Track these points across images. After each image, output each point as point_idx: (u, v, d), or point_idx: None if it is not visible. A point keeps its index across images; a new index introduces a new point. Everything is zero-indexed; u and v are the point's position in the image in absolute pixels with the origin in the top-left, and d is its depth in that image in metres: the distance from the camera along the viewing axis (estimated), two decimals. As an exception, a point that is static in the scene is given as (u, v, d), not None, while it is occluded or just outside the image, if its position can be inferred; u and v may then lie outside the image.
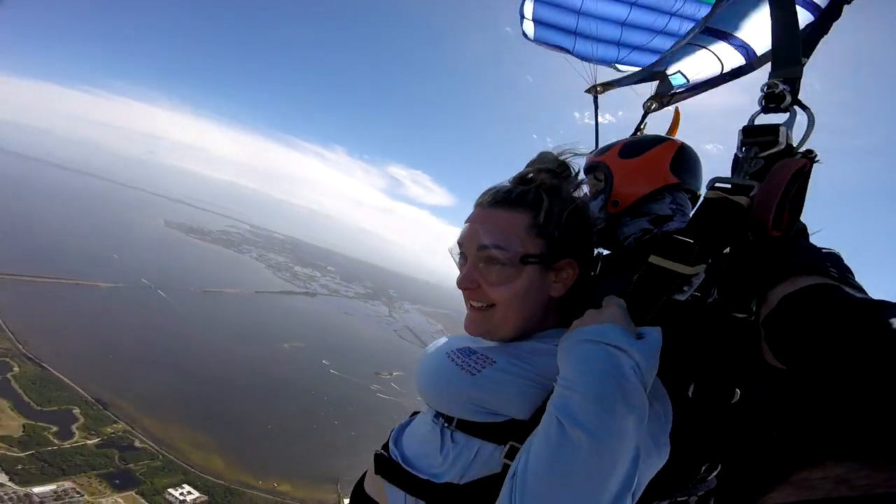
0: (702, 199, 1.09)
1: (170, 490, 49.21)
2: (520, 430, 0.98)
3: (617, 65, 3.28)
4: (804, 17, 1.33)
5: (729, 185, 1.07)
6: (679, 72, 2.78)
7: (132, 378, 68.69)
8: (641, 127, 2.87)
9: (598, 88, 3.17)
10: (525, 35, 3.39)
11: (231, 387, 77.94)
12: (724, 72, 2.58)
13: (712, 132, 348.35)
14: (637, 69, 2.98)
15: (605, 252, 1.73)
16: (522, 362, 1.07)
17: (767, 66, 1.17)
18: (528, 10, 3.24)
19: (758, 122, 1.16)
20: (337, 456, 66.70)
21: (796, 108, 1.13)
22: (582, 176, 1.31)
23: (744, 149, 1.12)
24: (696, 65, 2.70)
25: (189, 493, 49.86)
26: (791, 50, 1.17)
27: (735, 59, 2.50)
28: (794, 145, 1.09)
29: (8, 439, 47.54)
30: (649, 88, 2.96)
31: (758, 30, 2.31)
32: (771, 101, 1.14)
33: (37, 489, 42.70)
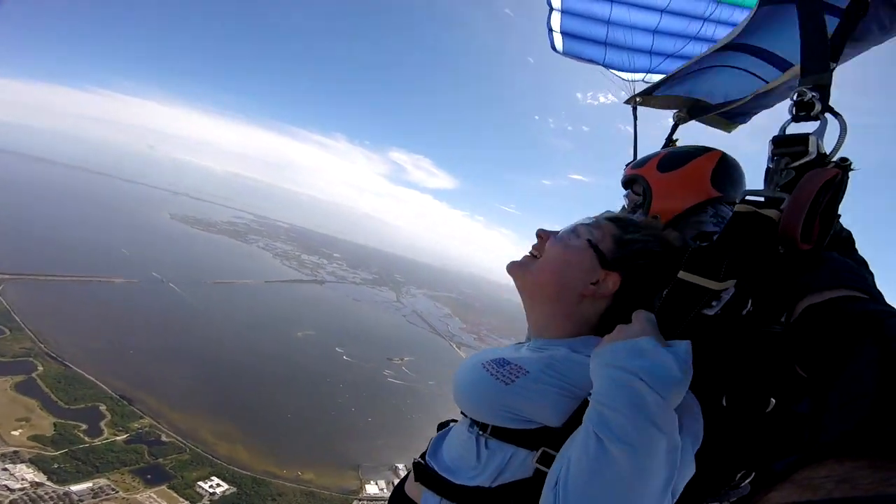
0: (732, 213, 1.08)
1: (199, 483, 49.85)
2: (552, 436, 1.04)
3: (649, 75, 3.17)
4: (831, 22, 1.29)
5: (760, 198, 1.06)
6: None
7: (152, 372, 69.48)
8: (674, 139, 2.79)
9: (637, 100, 3.08)
10: (554, 48, 3.28)
11: (249, 376, 78.83)
12: (764, 90, 2.34)
13: (755, 131, 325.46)
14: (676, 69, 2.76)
15: None
16: (555, 372, 1.12)
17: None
18: (556, 22, 3.14)
19: (789, 130, 1.14)
20: (356, 442, 67.73)
21: (827, 115, 1.09)
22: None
23: (774, 159, 1.11)
24: (733, 84, 2.51)
25: (218, 485, 50.60)
26: (819, 56, 1.13)
27: (772, 74, 2.30)
28: (827, 153, 1.06)
29: (41, 439, 48.29)
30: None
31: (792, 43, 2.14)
32: (801, 109, 1.12)
33: (74, 487, 43.29)
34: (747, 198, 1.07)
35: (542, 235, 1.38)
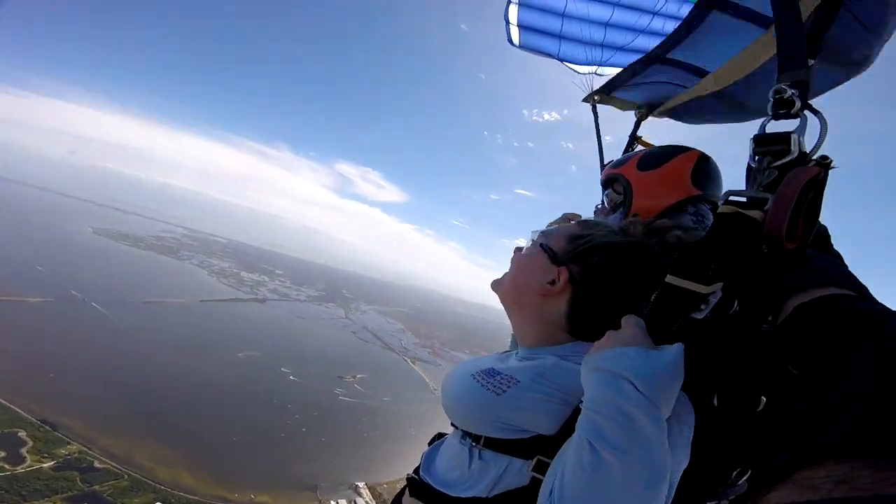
0: (716, 214, 1.07)
1: (145, 510, 45.90)
2: (546, 444, 1.04)
3: (602, 67, 3.28)
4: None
5: (743, 199, 1.04)
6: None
7: (79, 397, 63.55)
8: (638, 136, 2.95)
9: (595, 98, 3.19)
10: (511, 41, 3.42)
11: (187, 400, 73.88)
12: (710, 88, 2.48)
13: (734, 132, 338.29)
14: (630, 64, 2.91)
15: None
16: (546, 381, 1.12)
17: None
18: (513, 15, 3.22)
19: (769, 129, 1.12)
20: (310, 463, 65.51)
21: (807, 113, 1.07)
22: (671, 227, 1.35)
23: (756, 159, 1.09)
24: (668, 92, 2.83)
25: (166, 511, 46.79)
26: (796, 52, 1.12)
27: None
28: (808, 152, 1.05)
29: None
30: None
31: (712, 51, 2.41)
32: (780, 107, 1.10)
33: None
34: (730, 198, 1.06)
35: (516, 251, 1.45)
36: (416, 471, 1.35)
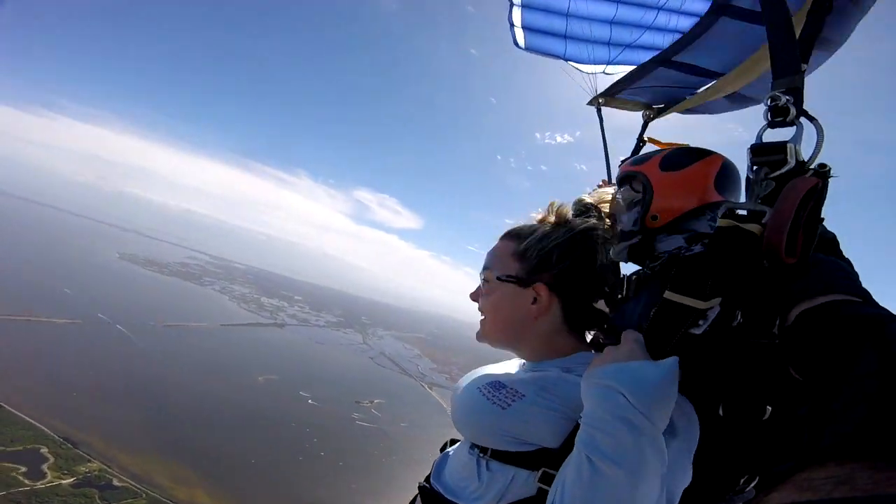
0: (715, 228, 1.07)
1: (162, 528, 45.17)
2: (551, 457, 1.07)
3: (609, 66, 3.23)
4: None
5: (743, 212, 1.04)
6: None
7: (100, 416, 63.82)
8: (644, 137, 2.90)
9: (600, 100, 3.16)
10: (516, 44, 3.31)
11: (207, 422, 73.54)
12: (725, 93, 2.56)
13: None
14: (635, 67, 2.90)
15: (639, 268, 1.76)
16: (550, 395, 1.14)
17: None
18: (517, 17, 3.19)
19: (766, 137, 1.10)
20: (327, 487, 64.48)
21: (803, 120, 1.06)
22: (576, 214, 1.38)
23: (753, 169, 1.08)
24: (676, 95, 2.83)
25: (182, 530, 45.98)
26: (789, 58, 1.11)
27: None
28: (805, 160, 1.03)
29: None
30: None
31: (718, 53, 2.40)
32: (776, 114, 1.08)
33: None
34: (728, 212, 1.06)
35: (473, 297, 1.43)
36: (427, 479, 1.36)
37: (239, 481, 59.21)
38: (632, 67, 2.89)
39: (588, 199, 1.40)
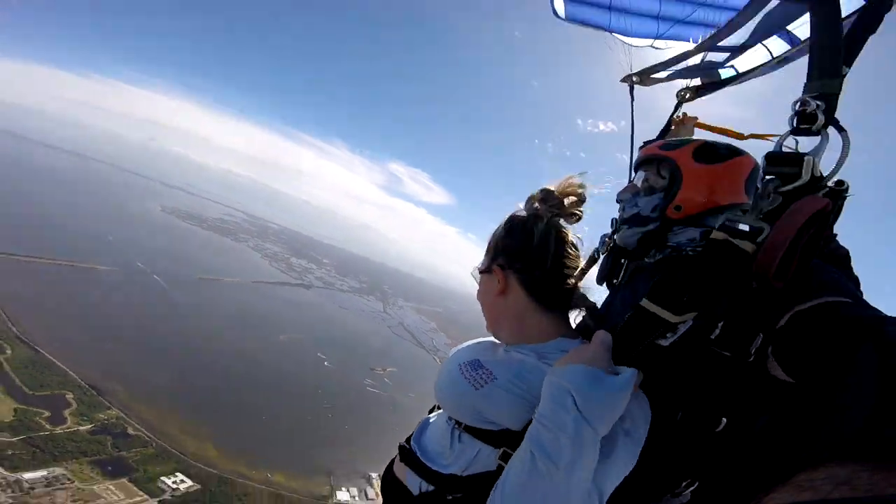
0: (707, 239, 1.04)
1: (163, 478, 48.15)
2: (513, 438, 1.13)
3: (658, 40, 2.99)
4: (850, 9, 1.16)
5: (742, 226, 1.01)
6: (732, 65, 2.61)
7: (127, 364, 67.45)
8: (676, 117, 2.71)
9: (634, 79, 2.96)
10: (556, 14, 3.03)
11: (227, 376, 77.02)
12: (770, 61, 2.42)
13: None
14: (679, 52, 2.74)
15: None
16: (522, 382, 1.20)
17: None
18: None
19: (788, 143, 1.05)
20: (330, 449, 66.30)
21: (831, 129, 0.99)
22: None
23: (763, 180, 1.04)
24: (747, 57, 2.54)
25: (182, 481, 48.87)
26: (829, 57, 1.01)
27: (780, 47, 2.37)
28: (823, 175, 0.98)
29: None
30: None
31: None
32: (802, 120, 1.01)
33: (27, 475, 41.39)
34: (727, 224, 1.02)
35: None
36: (409, 439, 1.45)
37: (247, 436, 61.69)
38: (682, 43, 2.77)
39: (550, 186, 1.43)
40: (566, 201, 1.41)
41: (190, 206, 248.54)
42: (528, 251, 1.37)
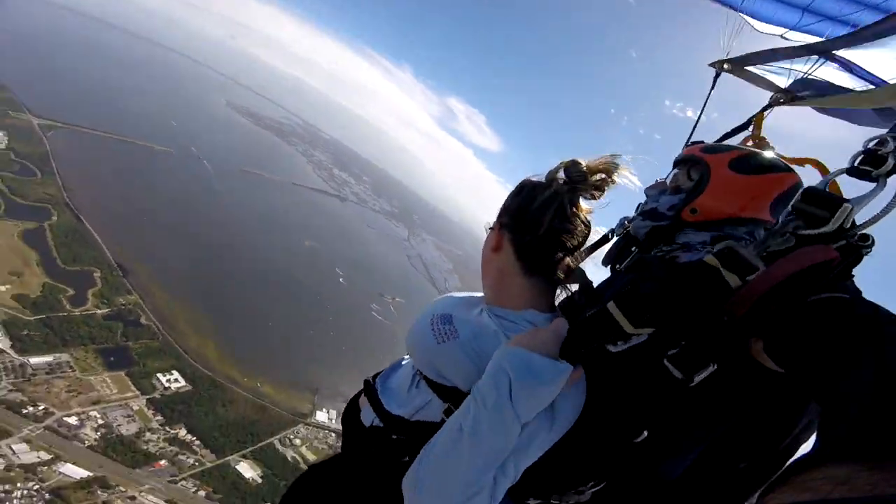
0: (699, 260, 0.98)
1: (158, 375, 48.64)
2: (459, 397, 1.12)
3: (791, 31, 2.57)
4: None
5: (743, 256, 0.91)
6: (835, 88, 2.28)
7: (157, 245, 68.65)
8: (763, 115, 2.39)
9: (725, 66, 2.64)
10: None
11: (245, 273, 78.18)
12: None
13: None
14: (784, 47, 2.38)
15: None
16: (478, 345, 1.18)
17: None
18: None
19: (840, 180, 0.95)
20: (322, 367, 66.82)
21: (892, 179, 0.87)
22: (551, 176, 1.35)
23: (785, 216, 0.94)
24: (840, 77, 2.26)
25: (175, 380, 49.42)
26: None
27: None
28: (851, 226, 0.88)
29: (24, 300, 46.26)
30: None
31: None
32: (866, 162, 0.88)
33: (33, 360, 41.40)
34: (725, 250, 0.94)
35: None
36: (377, 375, 1.47)
37: (247, 340, 62.29)
38: (816, 39, 2.42)
39: (582, 160, 1.32)
40: (592, 178, 1.30)
41: (253, 105, 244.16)
42: (524, 215, 1.32)
